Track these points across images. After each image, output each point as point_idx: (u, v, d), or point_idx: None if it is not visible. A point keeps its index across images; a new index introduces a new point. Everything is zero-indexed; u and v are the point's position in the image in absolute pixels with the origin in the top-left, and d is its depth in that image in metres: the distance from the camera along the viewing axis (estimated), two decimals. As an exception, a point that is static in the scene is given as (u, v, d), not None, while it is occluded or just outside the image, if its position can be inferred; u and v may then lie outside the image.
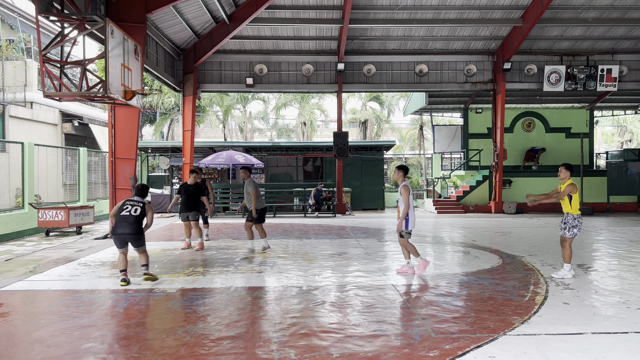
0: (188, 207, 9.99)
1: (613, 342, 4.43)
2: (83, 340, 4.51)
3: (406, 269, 7.49)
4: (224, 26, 16.36)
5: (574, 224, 7.26)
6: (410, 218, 7.31)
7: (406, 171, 7.49)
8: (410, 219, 7.31)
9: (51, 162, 15.37)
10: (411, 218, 7.32)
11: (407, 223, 7.27)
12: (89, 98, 10.39)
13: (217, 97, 32.09)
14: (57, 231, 13.12)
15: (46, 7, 9.60)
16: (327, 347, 4.34)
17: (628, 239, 11.43)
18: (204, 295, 6.18)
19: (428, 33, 18.18)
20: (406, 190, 7.12)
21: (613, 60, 19.43)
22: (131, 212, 6.85)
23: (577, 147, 20.47)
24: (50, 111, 19.28)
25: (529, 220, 16.37)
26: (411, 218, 7.32)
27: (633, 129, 39.57)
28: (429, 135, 30.25)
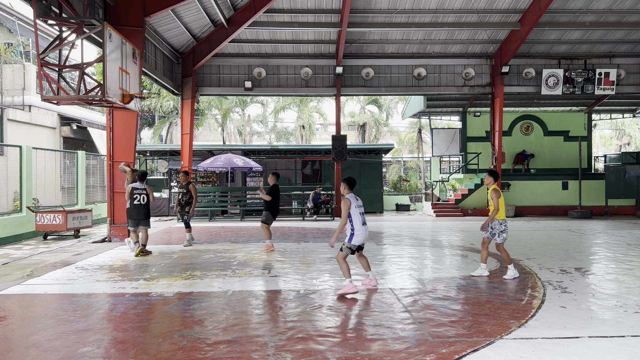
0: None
1: (610, 345, 4.43)
2: (79, 345, 4.50)
3: (367, 281, 6.88)
4: (223, 30, 16.38)
5: (502, 229, 7.39)
6: (357, 232, 6.48)
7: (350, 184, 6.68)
8: (356, 233, 6.48)
9: (49, 165, 15.35)
10: (358, 232, 6.48)
11: (351, 237, 6.47)
12: (87, 101, 10.38)
13: (216, 100, 32.11)
14: (55, 235, 13.11)
15: (44, 10, 9.60)
16: (324, 351, 4.34)
17: (626, 242, 11.44)
18: (201, 299, 6.17)
19: (426, 37, 18.23)
20: (345, 204, 6.46)
21: (611, 63, 19.49)
22: (141, 202, 9.56)
23: (576, 150, 20.51)
24: (48, 114, 19.28)
25: (527, 223, 16.38)
26: (358, 232, 6.48)
27: (631, 132, 39.64)
28: (427, 138, 30.28)
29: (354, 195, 6.70)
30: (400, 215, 21.19)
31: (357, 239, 6.52)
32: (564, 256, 9.41)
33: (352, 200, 6.58)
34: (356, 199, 6.66)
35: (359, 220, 6.53)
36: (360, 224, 6.53)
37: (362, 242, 6.58)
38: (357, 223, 6.53)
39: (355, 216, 6.53)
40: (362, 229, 6.53)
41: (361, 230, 6.52)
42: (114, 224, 11.91)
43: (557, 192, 20.38)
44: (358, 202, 6.68)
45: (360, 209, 6.62)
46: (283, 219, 18.66)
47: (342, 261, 6.51)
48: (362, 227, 6.53)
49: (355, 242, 6.53)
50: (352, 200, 6.58)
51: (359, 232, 6.51)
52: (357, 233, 6.51)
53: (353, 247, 6.55)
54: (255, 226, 15.55)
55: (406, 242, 11.81)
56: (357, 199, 6.72)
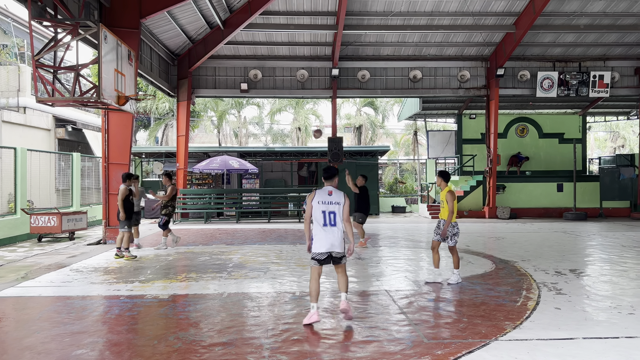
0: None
1: (604, 347, 4.45)
2: (74, 347, 4.49)
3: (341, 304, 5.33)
4: (219, 32, 16.38)
5: (454, 232, 7.22)
6: (315, 236, 5.22)
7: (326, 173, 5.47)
8: (315, 237, 5.22)
9: (44, 167, 15.29)
10: (316, 237, 5.21)
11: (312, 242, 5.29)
12: (82, 103, 10.36)
13: (212, 102, 32.06)
14: (49, 237, 13.04)
15: (39, 12, 9.57)
16: (320, 353, 4.34)
17: (620, 244, 11.49)
18: (197, 302, 6.16)
19: (422, 39, 18.28)
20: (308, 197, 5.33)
21: (605, 66, 19.59)
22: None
23: (570, 152, 20.59)
24: (43, 116, 19.21)
25: (523, 225, 16.43)
26: (316, 237, 5.21)
27: (625, 134, 39.85)
28: (423, 140, 30.34)
29: (332, 188, 5.31)
30: (396, 217, 21.22)
31: (316, 245, 5.15)
32: (558, 258, 9.45)
33: (318, 194, 5.26)
34: (328, 194, 5.24)
35: (320, 220, 5.16)
36: (320, 224, 5.14)
37: (326, 250, 5.12)
38: (315, 223, 5.20)
39: (315, 214, 5.21)
40: (321, 231, 5.13)
41: (320, 234, 5.13)
42: (109, 226, 11.86)
43: (552, 194, 20.45)
44: (331, 197, 5.23)
45: (329, 207, 5.18)
46: (279, 220, 18.65)
47: (311, 278, 5.26)
48: (321, 229, 5.14)
49: (316, 249, 5.16)
50: (319, 194, 5.26)
51: (317, 236, 5.16)
52: (315, 237, 5.19)
53: (317, 257, 5.18)
54: (251, 228, 15.54)
55: (402, 243, 11.82)
56: (332, 193, 5.25)
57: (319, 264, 5.22)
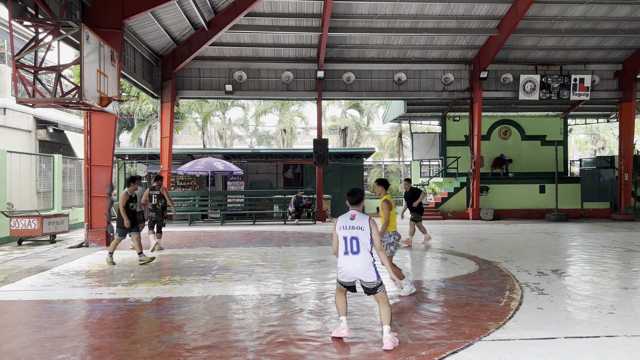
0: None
1: (585, 346, 4.52)
2: (54, 352, 4.41)
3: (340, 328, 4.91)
4: (203, 33, 16.29)
5: (390, 241, 6.74)
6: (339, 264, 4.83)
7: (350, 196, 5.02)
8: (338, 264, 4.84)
9: (24, 169, 15.03)
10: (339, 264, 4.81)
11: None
12: (64, 104, 10.21)
13: (196, 103, 31.87)
14: (30, 240, 12.82)
15: (20, 11, 9.42)
16: (305, 355, 4.33)
17: (601, 244, 11.68)
18: (180, 304, 6.10)
19: (406, 42, 18.39)
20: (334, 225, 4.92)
21: (585, 70, 19.93)
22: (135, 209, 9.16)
23: (552, 154, 20.89)
24: (23, 117, 18.88)
25: (506, 226, 16.61)
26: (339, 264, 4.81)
27: (605, 136, 40.60)
28: (408, 142, 30.55)
29: (355, 212, 4.84)
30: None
31: (340, 274, 4.78)
32: (541, 258, 9.57)
33: (341, 219, 4.87)
34: (351, 218, 4.78)
35: (342, 248, 4.74)
36: (343, 252, 4.72)
37: (349, 280, 4.73)
38: (339, 251, 4.78)
39: (338, 240, 4.79)
40: (342, 260, 4.73)
41: (342, 262, 4.73)
42: (91, 229, 11.72)
43: (535, 196, 20.72)
44: (353, 221, 4.75)
45: (351, 232, 4.70)
46: (264, 222, 18.59)
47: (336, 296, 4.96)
48: (343, 257, 4.72)
49: (339, 277, 4.80)
50: (341, 218, 4.87)
51: (340, 264, 4.77)
52: (338, 265, 4.81)
53: (340, 281, 4.82)
54: (236, 230, 15.47)
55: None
56: (354, 217, 4.77)
57: (343, 287, 4.85)
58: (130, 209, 8.95)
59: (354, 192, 4.93)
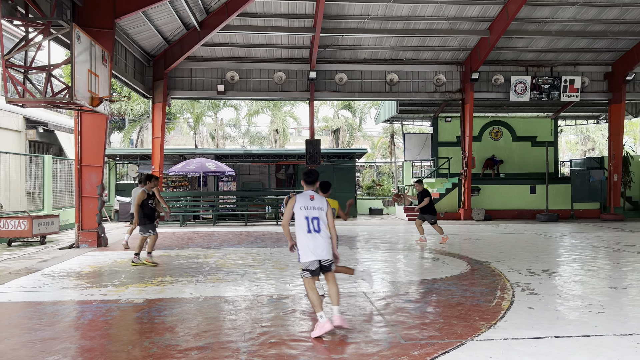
0: None
1: (575, 345, 4.55)
2: (45, 354, 4.37)
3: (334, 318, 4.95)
4: (195, 33, 16.24)
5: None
6: (300, 245, 5.01)
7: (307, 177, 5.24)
8: (300, 246, 5.02)
9: (14, 169, 14.89)
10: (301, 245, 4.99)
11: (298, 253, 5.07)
12: (55, 104, 10.13)
13: (188, 104, 31.75)
14: (19, 241, 12.70)
15: (10, 10, 9.34)
16: (297, 355, 4.33)
17: (590, 244, 11.78)
18: (172, 306, 6.08)
19: (398, 43, 18.45)
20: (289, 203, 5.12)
21: (575, 71, 20.11)
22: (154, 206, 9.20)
23: (543, 155, 21.05)
24: (13, 117, 18.71)
25: (497, 227, 16.71)
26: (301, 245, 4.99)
27: (595, 137, 40.95)
28: (400, 143, 30.63)
29: (313, 193, 5.13)
30: (374, 219, 21.33)
31: (303, 255, 4.93)
32: (532, 258, 9.64)
33: (299, 199, 5.03)
34: (310, 199, 5.03)
35: (302, 226, 4.94)
36: (305, 231, 4.92)
37: (314, 258, 4.89)
38: (299, 231, 4.98)
39: (297, 221, 5.00)
40: (305, 238, 4.91)
41: (305, 241, 4.91)
42: (82, 230, 11.63)
43: (526, 196, 20.87)
44: (313, 202, 5.01)
45: (312, 212, 4.96)
46: (256, 223, 18.56)
47: (307, 290, 4.99)
48: (305, 235, 4.91)
49: (304, 258, 4.93)
50: (300, 199, 5.04)
51: (302, 244, 4.93)
52: (300, 245, 4.97)
53: (309, 268, 4.93)
54: (228, 231, 15.43)
55: (379, 245, 11.90)
56: (314, 198, 5.05)
57: (311, 275, 4.96)
58: (150, 206, 9.11)
59: (310, 173, 5.21)
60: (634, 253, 10.31)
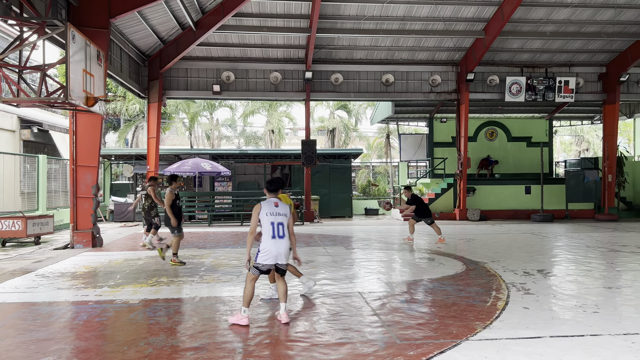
0: None
1: (570, 345, 4.58)
2: (40, 355, 4.36)
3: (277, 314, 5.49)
4: (191, 33, 16.21)
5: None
6: (263, 248, 5.27)
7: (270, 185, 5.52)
8: (262, 248, 5.28)
9: (8, 169, 14.82)
10: (264, 248, 5.26)
11: (257, 253, 5.33)
12: (49, 104, 10.09)
13: (183, 104, 31.69)
14: (14, 241, 12.64)
15: (4, 10, 9.30)
16: (293, 356, 4.33)
17: (585, 244, 11.84)
18: (168, 306, 6.07)
19: (394, 43, 18.49)
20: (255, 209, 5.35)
21: (570, 72, 20.20)
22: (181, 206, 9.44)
23: (538, 155, 21.12)
24: (7, 117, 18.61)
25: (492, 227, 16.76)
26: (264, 248, 5.26)
27: (589, 138, 41.17)
28: (395, 143, 30.66)
29: (277, 200, 5.44)
30: (369, 219, 21.35)
31: (264, 257, 5.24)
32: (527, 258, 9.67)
33: (265, 206, 5.33)
34: (275, 205, 5.36)
35: (268, 232, 5.25)
36: (269, 236, 5.24)
37: (273, 262, 5.25)
38: (264, 235, 5.28)
39: (264, 226, 5.29)
40: (270, 243, 5.22)
41: (269, 246, 5.22)
42: (76, 230, 11.58)
43: (521, 196, 20.94)
44: (278, 208, 5.34)
45: (278, 218, 5.30)
46: (252, 224, 18.52)
47: (247, 284, 5.30)
48: (270, 241, 5.23)
49: (262, 260, 5.25)
50: (265, 206, 5.33)
51: (266, 248, 5.23)
52: (262, 248, 5.26)
53: (260, 268, 5.29)
54: (224, 231, 15.40)
55: (375, 245, 11.91)
56: (278, 204, 5.38)
57: (259, 273, 5.32)
58: (177, 205, 9.25)
59: (273, 182, 5.53)
60: (628, 253, 10.37)
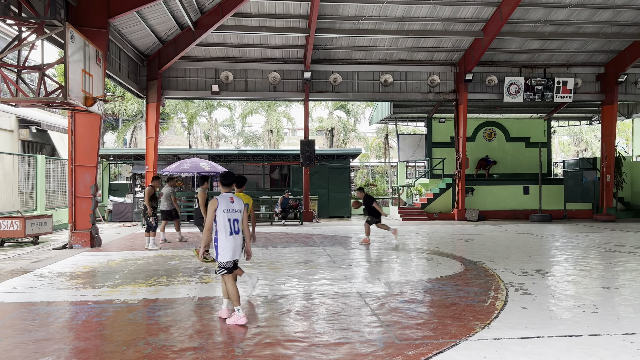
0: None
1: (568, 345, 4.59)
2: (39, 355, 4.35)
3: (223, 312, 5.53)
4: (189, 33, 16.20)
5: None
6: (220, 245, 5.23)
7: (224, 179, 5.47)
8: (220, 245, 5.23)
9: (6, 169, 14.80)
10: (222, 245, 5.22)
11: (216, 252, 5.27)
12: (48, 104, 10.09)
13: (182, 104, 31.67)
14: (12, 241, 12.62)
15: (3, 10, 9.28)
16: (292, 356, 4.33)
17: (583, 245, 11.86)
18: (167, 306, 6.06)
19: (393, 44, 18.50)
20: (211, 205, 5.21)
21: (568, 72, 20.23)
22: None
23: (536, 156, 21.16)
24: (6, 117, 18.59)
25: (491, 227, 16.78)
26: (222, 245, 5.22)
27: (588, 138, 41.23)
28: (394, 143, 30.69)
29: (232, 195, 5.38)
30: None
31: (225, 254, 5.22)
32: (525, 259, 9.69)
33: (222, 202, 5.23)
34: (230, 201, 5.28)
35: (225, 229, 5.19)
36: (226, 233, 5.19)
37: (231, 258, 5.26)
38: (221, 232, 5.21)
39: (220, 222, 5.21)
40: (227, 240, 5.19)
41: (226, 242, 5.20)
42: (75, 230, 11.57)
43: (519, 197, 20.97)
44: (233, 204, 5.28)
45: (234, 214, 5.26)
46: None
47: (227, 284, 5.31)
48: (228, 237, 5.19)
49: (224, 258, 5.22)
50: (222, 202, 5.23)
51: (224, 245, 5.20)
52: (220, 246, 5.22)
53: (227, 266, 5.27)
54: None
55: (373, 245, 11.91)
56: (233, 200, 5.31)
57: (228, 272, 5.33)
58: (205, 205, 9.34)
59: (227, 175, 5.47)
60: (626, 253, 10.40)
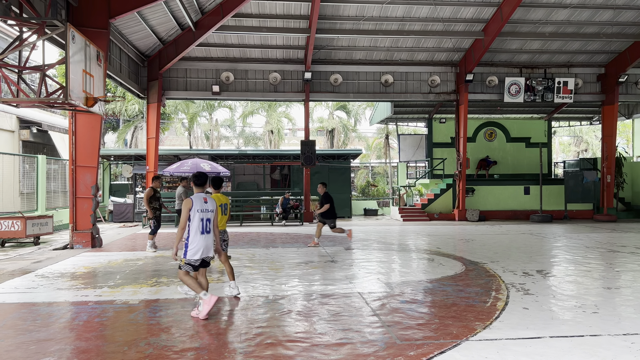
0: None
1: (570, 345, 4.58)
2: (40, 355, 4.35)
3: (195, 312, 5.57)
4: (190, 33, 16.21)
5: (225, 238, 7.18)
6: (191, 243, 5.44)
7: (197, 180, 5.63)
8: (190, 243, 5.45)
9: (7, 170, 14.81)
10: (192, 243, 5.44)
11: (185, 249, 5.48)
12: (49, 104, 10.09)
13: (183, 104, 31.68)
14: (13, 242, 12.63)
15: (4, 10, 9.29)
16: (293, 356, 4.33)
17: (584, 245, 11.85)
18: (168, 306, 6.06)
19: (393, 44, 18.51)
20: (185, 205, 5.42)
21: (569, 73, 20.23)
22: None
23: (537, 156, 21.16)
24: (7, 117, 18.60)
25: (491, 227, 16.78)
26: (192, 243, 5.44)
27: (588, 139, 41.21)
28: (394, 144, 30.68)
29: (205, 195, 5.60)
30: (368, 219, 21.36)
31: (193, 252, 5.42)
32: (526, 259, 9.68)
33: (196, 202, 5.44)
34: (204, 201, 5.50)
35: (197, 228, 5.40)
36: (198, 232, 5.41)
37: (200, 256, 5.46)
38: (193, 231, 5.41)
39: (193, 222, 5.41)
40: (199, 239, 5.41)
41: (197, 241, 5.40)
42: (76, 231, 11.58)
43: (519, 197, 20.96)
44: (207, 204, 5.52)
45: (207, 214, 5.49)
46: (251, 224, 18.54)
47: (184, 278, 5.49)
48: (199, 236, 5.41)
49: (191, 255, 5.42)
50: (196, 202, 5.45)
51: (194, 243, 5.41)
52: (191, 244, 5.41)
53: (193, 263, 5.46)
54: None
55: (374, 246, 11.91)
56: (207, 200, 5.54)
57: (193, 270, 5.52)
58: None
59: (199, 176, 5.61)
60: (627, 254, 10.39)
